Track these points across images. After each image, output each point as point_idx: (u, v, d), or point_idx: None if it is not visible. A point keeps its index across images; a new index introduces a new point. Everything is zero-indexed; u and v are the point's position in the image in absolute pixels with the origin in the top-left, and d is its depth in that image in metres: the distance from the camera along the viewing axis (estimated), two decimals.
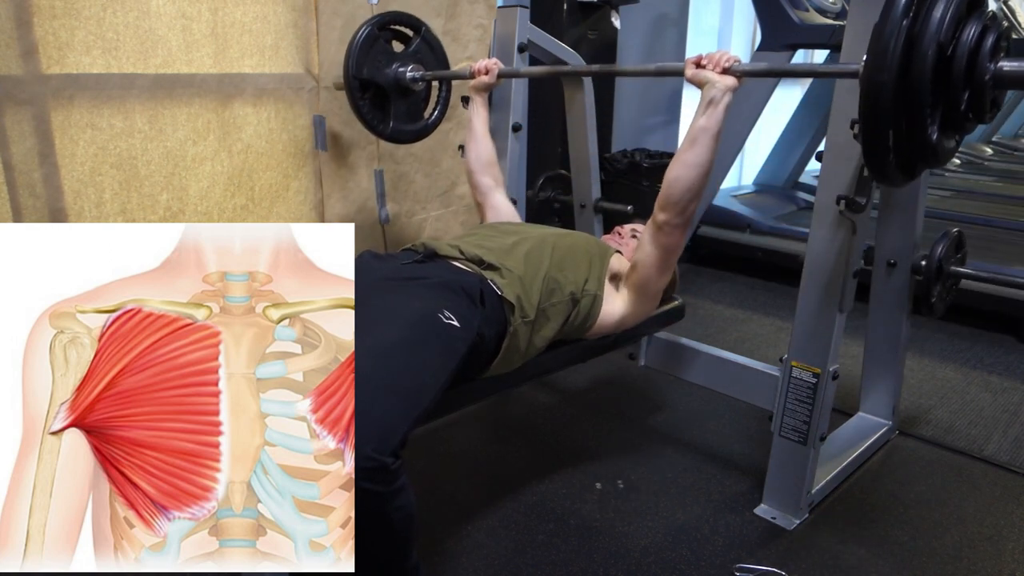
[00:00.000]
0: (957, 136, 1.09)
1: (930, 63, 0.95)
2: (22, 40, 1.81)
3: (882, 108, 0.99)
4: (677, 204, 1.42)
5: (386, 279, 1.34)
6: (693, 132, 1.39)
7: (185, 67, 2.13)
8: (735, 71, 1.37)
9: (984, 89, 0.98)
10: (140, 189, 2.11)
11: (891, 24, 0.96)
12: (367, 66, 1.98)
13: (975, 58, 0.97)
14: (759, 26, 3.47)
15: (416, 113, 2.16)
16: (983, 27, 0.99)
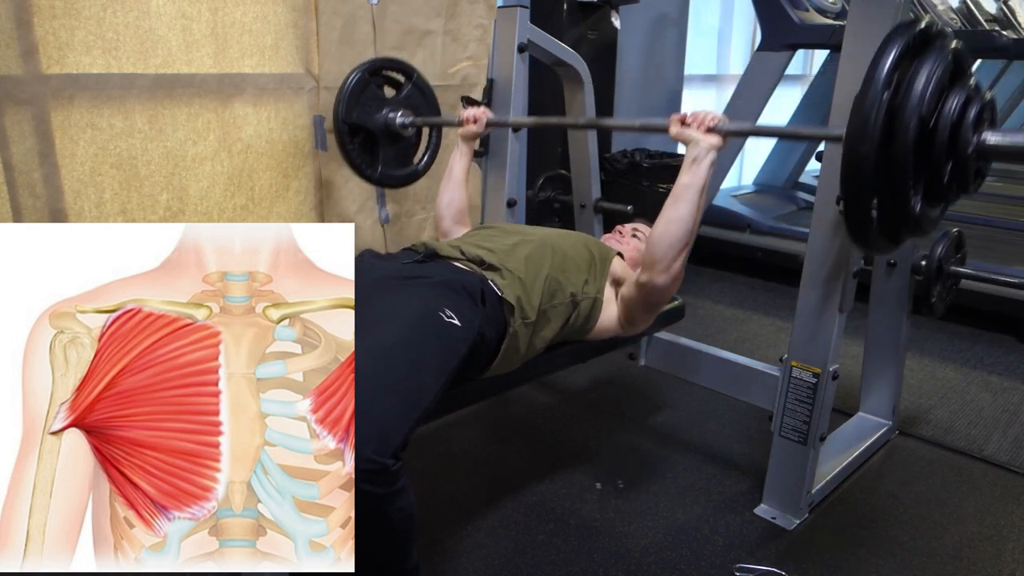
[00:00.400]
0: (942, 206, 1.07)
1: (911, 136, 0.94)
2: (22, 40, 1.81)
3: (863, 179, 0.97)
4: (661, 261, 1.39)
5: (387, 278, 1.34)
6: (677, 189, 1.38)
7: (185, 67, 2.13)
8: (719, 130, 1.36)
9: (967, 161, 0.97)
10: (140, 189, 2.11)
11: (872, 96, 0.94)
12: (357, 111, 1.98)
13: (958, 130, 0.96)
14: (759, 26, 3.47)
15: (405, 158, 2.15)
16: (966, 98, 0.97)
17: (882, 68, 0.94)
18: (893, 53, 0.95)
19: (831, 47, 3.48)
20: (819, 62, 4.49)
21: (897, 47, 0.96)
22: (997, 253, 3.27)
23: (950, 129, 0.95)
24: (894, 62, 0.95)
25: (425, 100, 2.12)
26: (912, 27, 0.98)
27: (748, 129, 1.37)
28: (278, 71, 2.35)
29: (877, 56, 0.95)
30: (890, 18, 1.37)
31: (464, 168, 1.93)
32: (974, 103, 0.97)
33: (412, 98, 2.08)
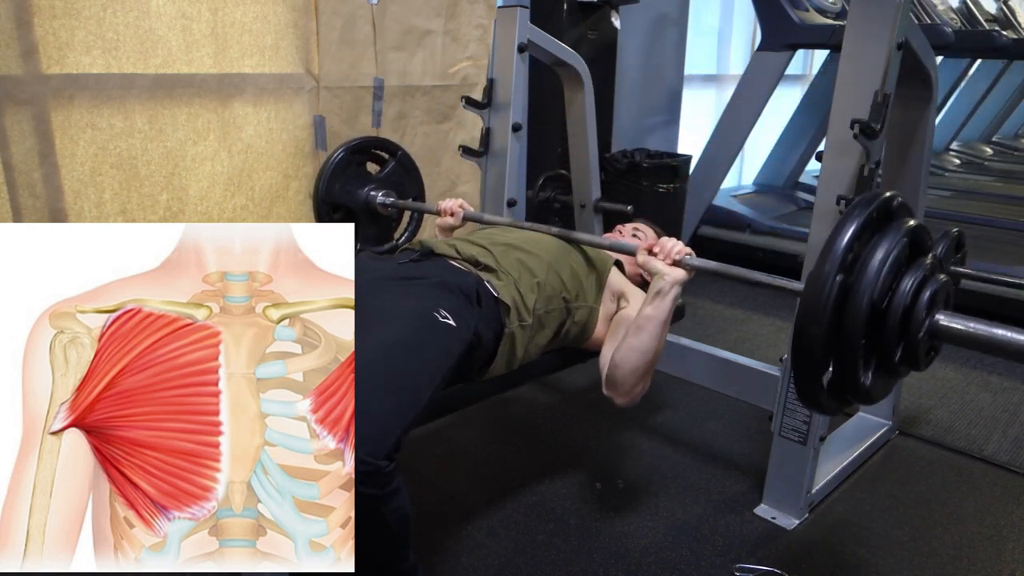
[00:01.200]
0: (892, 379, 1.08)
1: (862, 319, 0.95)
2: (22, 40, 1.81)
3: (813, 357, 0.99)
4: (622, 386, 1.41)
5: (383, 278, 1.34)
6: (639, 320, 1.38)
7: (185, 67, 2.13)
8: (685, 264, 1.37)
9: (918, 343, 0.98)
10: (140, 189, 2.11)
11: (824, 277, 0.96)
12: (338, 188, 1.99)
13: (910, 312, 0.96)
14: (759, 26, 3.47)
15: (385, 236, 2.16)
16: (922, 279, 0.97)
17: (838, 246, 0.96)
18: (851, 230, 0.97)
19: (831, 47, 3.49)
20: (819, 62, 4.49)
21: (856, 223, 0.97)
22: (997, 253, 3.27)
23: (903, 311, 0.96)
24: (851, 240, 0.96)
25: (408, 176, 2.14)
26: (872, 202, 1.00)
27: (712, 268, 1.38)
28: (278, 71, 2.35)
29: (834, 233, 0.97)
30: (890, 18, 1.37)
31: None
32: (929, 284, 0.98)
33: (395, 175, 2.10)
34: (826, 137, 1.50)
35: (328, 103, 2.46)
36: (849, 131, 1.37)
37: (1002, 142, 6.68)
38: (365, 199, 2.05)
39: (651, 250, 1.40)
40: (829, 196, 1.47)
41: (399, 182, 2.11)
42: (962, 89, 5.54)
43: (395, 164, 2.09)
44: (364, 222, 2.08)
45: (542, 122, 3.10)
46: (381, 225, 2.13)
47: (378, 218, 2.10)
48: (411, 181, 2.15)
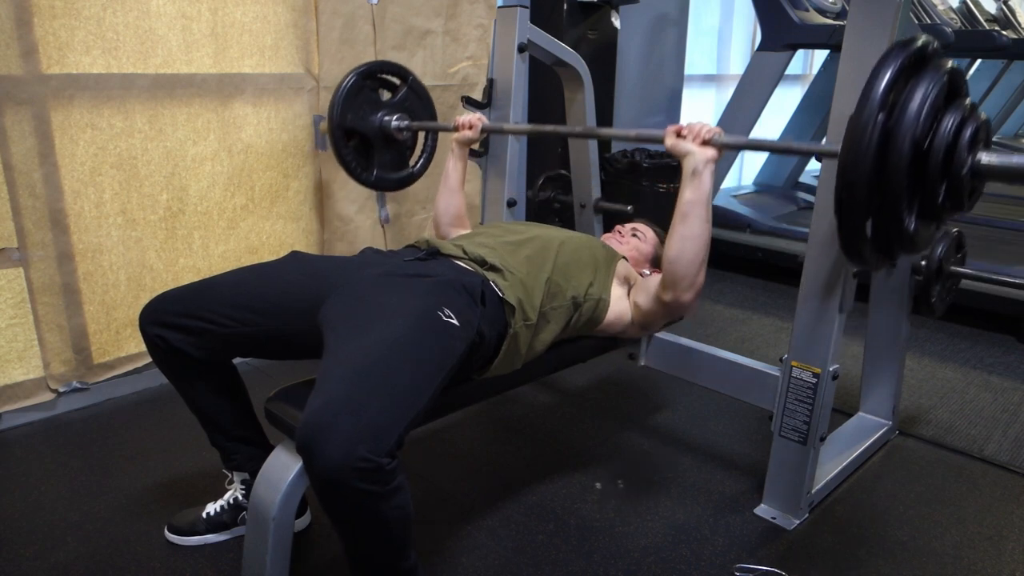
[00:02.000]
0: (935, 224, 1.07)
1: (906, 158, 0.94)
2: (22, 40, 1.81)
3: (857, 200, 0.97)
4: (685, 279, 1.42)
5: (387, 275, 1.34)
6: (683, 207, 1.38)
7: (185, 67, 2.13)
8: (715, 143, 1.36)
9: (962, 182, 0.97)
10: (140, 189, 2.11)
11: (867, 116, 0.94)
12: (352, 114, 1.97)
13: (953, 151, 0.96)
14: (759, 26, 3.47)
15: (401, 162, 2.14)
16: (961, 119, 0.97)
17: (878, 87, 0.94)
18: (889, 73, 0.95)
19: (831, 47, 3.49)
20: (819, 62, 4.49)
21: (893, 67, 0.95)
22: (997, 253, 3.27)
23: (945, 150, 0.95)
24: (889, 82, 0.95)
25: (421, 103, 2.11)
26: (908, 46, 0.98)
27: (743, 143, 1.37)
28: (278, 71, 2.35)
29: (872, 76, 0.95)
30: (890, 18, 1.37)
31: (460, 173, 1.93)
32: (969, 124, 0.97)
33: (408, 101, 2.07)
34: (826, 137, 1.49)
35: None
36: None
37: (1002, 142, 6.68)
38: (379, 124, 2.02)
39: (679, 133, 1.39)
40: (829, 196, 1.46)
41: (412, 108, 2.08)
42: None
43: (407, 90, 2.07)
44: (379, 148, 2.05)
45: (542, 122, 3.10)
46: (396, 151, 2.11)
47: (393, 143, 2.08)
48: (423, 106, 2.13)
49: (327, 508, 1.04)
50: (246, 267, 1.42)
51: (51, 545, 1.53)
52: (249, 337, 1.32)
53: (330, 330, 1.19)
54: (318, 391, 1.04)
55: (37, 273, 1.96)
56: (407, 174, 2.16)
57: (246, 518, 1.33)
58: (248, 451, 1.49)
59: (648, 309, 1.54)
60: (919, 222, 1.01)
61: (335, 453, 0.95)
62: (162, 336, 1.31)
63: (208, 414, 1.44)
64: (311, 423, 0.98)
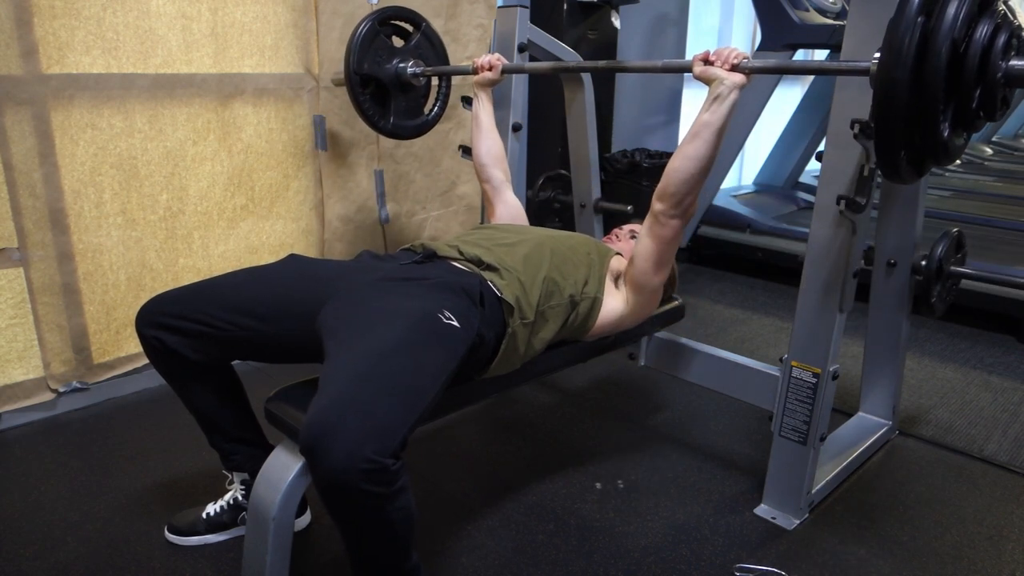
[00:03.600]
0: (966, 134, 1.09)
1: (944, 60, 0.95)
2: (22, 40, 1.81)
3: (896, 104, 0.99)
4: (674, 196, 1.41)
5: (385, 279, 1.34)
6: (696, 126, 1.38)
7: (185, 67, 2.13)
8: (743, 68, 1.35)
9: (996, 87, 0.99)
10: (140, 189, 2.11)
11: (906, 20, 0.96)
12: (368, 61, 1.97)
13: (988, 56, 0.98)
14: (759, 26, 3.47)
15: (416, 109, 2.15)
16: (995, 26, 0.99)
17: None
18: None
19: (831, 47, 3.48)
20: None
21: None
22: (997, 253, 3.27)
23: (980, 54, 0.97)
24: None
25: (434, 50, 2.12)
26: None
27: (773, 66, 1.37)
28: (278, 71, 2.35)
29: None
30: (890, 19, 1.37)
31: (489, 114, 1.94)
32: (1003, 30, 0.99)
33: (421, 48, 2.08)
34: (826, 137, 1.49)
35: (328, 103, 2.46)
36: (849, 131, 1.37)
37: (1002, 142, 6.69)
38: (395, 71, 2.03)
39: (707, 60, 1.39)
40: (829, 196, 1.47)
41: (426, 54, 2.09)
42: None
43: (421, 36, 2.07)
44: (395, 95, 2.06)
45: (542, 122, 3.10)
46: (411, 98, 2.11)
47: (408, 90, 2.08)
48: (436, 54, 2.13)
49: (331, 509, 1.04)
50: (244, 270, 1.42)
51: (51, 545, 1.53)
52: (246, 340, 1.32)
53: (330, 334, 1.19)
54: (322, 393, 1.04)
55: (37, 273, 1.96)
56: (422, 121, 2.17)
57: (246, 518, 1.33)
58: (247, 451, 1.49)
59: (644, 247, 1.51)
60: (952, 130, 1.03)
61: (341, 454, 0.95)
62: (159, 338, 1.31)
63: (206, 415, 1.44)
64: (316, 424, 0.98)
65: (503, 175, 1.93)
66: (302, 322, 1.27)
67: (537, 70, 1.89)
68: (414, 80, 2.04)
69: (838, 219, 1.47)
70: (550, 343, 1.50)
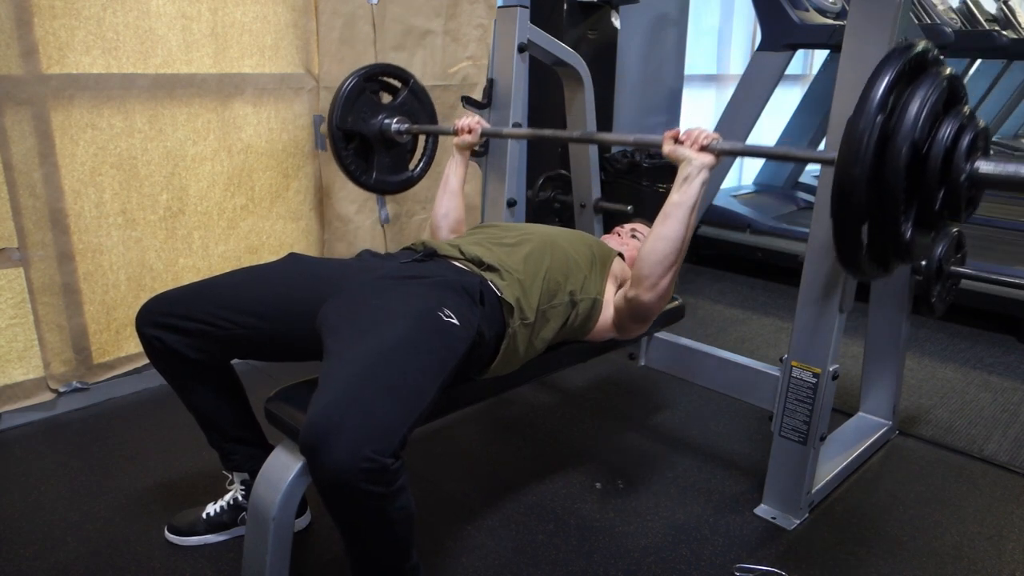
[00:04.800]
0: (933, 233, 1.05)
1: (904, 161, 0.92)
2: (22, 40, 1.81)
3: (854, 204, 0.95)
4: (649, 278, 1.40)
5: (386, 278, 1.34)
6: (667, 208, 1.38)
7: (185, 67, 2.13)
8: (713, 149, 1.36)
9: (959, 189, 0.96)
10: (140, 189, 2.11)
11: (865, 120, 0.93)
12: (352, 116, 1.97)
13: (951, 157, 0.94)
14: (759, 26, 3.47)
15: (401, 165, 2.14)
16: (960, 125, 0.95)
17: (876, 91, 0.93)
18: (888, 76, 0.94)
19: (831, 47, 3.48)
20: (819, 62, 4.49)
21: (892, 71, 0.94)
22: (997, 253, 3.27)
23: (943, 156, 0.94)
24: (889, 85, 0.93)
25: (421, 106, 2.11)
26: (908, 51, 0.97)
27: (740, 149, 1.37)
28: (278, 71, 2.35)
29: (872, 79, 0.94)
30: (890, 18, 1.37)
31: (460, 178, 1.91)
32: (968, 131, 0.96)
33: (408, 104, 2.07)
34: (826, 137, 1.50)
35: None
36: None
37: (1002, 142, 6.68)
38: (380, 127, 2.02)
39: (677, 138, 1.40)
40: (829, 197, 1.47)
41: (412, 111, 2.08)
42: None
43: (407, 92, 2.07)
44: (379, 150, 2.05)
45: (542, 122, 3.10)
46: (396, 154, 2.11)
47: (393, 146, 2.07)
48: (424, 109, 2.12)
49: (331, 509, 1.04)
50: (244, 269, 1.42)
51: (51, 545, 1.53)
52: (246, 339, 1.32)
53: (330, 333, 1.19)
54: (321, 392, 1.04)
55: (37, 273, 1.96)
56: (407, 177, 2.15)
57: (246, 518, 1.33)
58: (247, 451, 1.49)
59: (618, 306, 1.53)
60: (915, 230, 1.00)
61: (341, 454, 0.95)
62: (159, 337, 1.31)
63: (206, 415, 1.44)
64: (316, 423, 0.98)
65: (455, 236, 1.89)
66: (302, 320, 1.27)
67: (516, 136, 1.84)
68: (398, 137, 2.04)
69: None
70: (551, 343, 1.50)
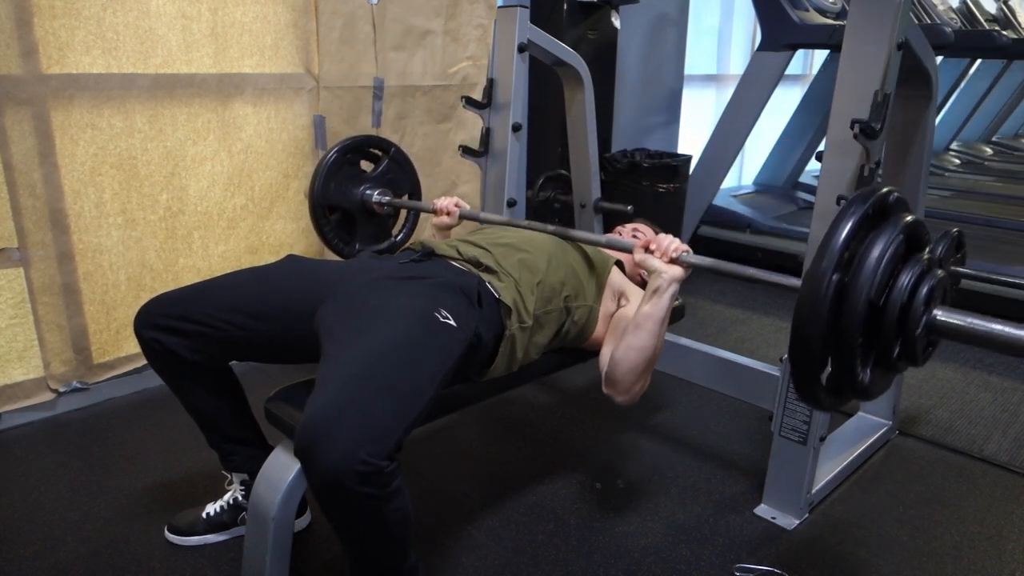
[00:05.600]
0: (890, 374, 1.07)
1: (859, 317, 0.94)
2: (22, 40, 1.81)
3: (811, 353, 0.98)
4: (620, 383, 1.41)
5: (384, 278, 1.34)
6: (638, 318, 1.38)
7: (185, 67, 2.13)
8: (683, 262, 1.36)
9: (915, 340, 0.97)
10: (140, 189, 2.11)
11: (821, 274, 0.95)
12: (334, 189, 1.98)
13: (908, 309, 0.96)
14: (759, 26, 3.47)
15: (383, 233, 2.16)
16: (919, 275, 0.97)
17: (834, 246, 0.95)
18: (847, 228, 0.96)
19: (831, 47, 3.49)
20: (819, 62, 4.49)
21: (852, 221, 0.96)
22: (997, 253, 3.27)
23: (900, 307, 0.96)
24: (847, 238, 0.95)
25: (403, 173, 2.13)
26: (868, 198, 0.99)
27: (710, 265, 1.37)
28: (278, 71, 2.35)
29: (830, 231, 0.96)
30: (890, 18, 1.37)
31: None
32: (926, 281, 0.97)
33: (390, 172, 2.09)
34: (826, 137, 1.49)
35: (328, 103, 2.46)
36: (849, 131, 1.37)
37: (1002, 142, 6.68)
38: (361, 199, 2.04)
39: (648, 247, 1.40)
40: (829, 196, 1.47)
41: (394, 179, 2.10)
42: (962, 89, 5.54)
43: (389, 161, 2.09)
44: (361, 221, 2.07)
45: (542, 122, 3.10)
46: (378, 223, 2.13)
47: (374, 216, 2.09)
48: (406, 178, 2.14)
49: (327, 511, 1.04)
50: (242, 270, 1.42)
51: (51, 545, 1.53)
52: (245, 341, 1.32)
53: (328, 334, 1.19)
54: (317, 394, 1.04)
55: (37, 273, 1.96)
56: (389, 244, 2.17)
57: (246, 518, 1.33)
58: (247, 452, 1.49)
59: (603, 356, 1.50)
60: (873, 373, 1.02)
61: (335, 456, 0.95)
62: (157, 339, 1.31)
63: (206, 416, 1.44)
64: (310, 426, 0.98)
65: None
66: (301, 322, 1.27)
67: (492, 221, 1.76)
68: (379, 208, 2.05)
69: None
70: (547, 350, 1.50)
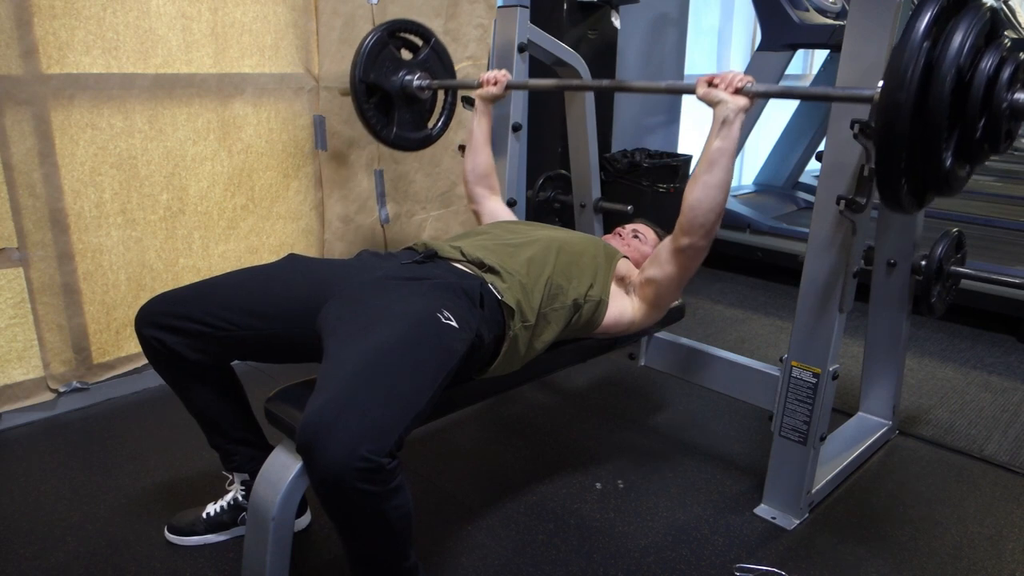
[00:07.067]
0: (969, 166, 1.07)
1: (948, 87, 0.94)
2: (22, 40, 1.81)
3: (899, 130, 0.97)
4: (703, 226, 1.42)
5: (386, 278, 1.34)
6: (710, 154, 1.39)
7: (185, 67, 2.13)
8: (747, 92, 1.38)
9: (1000, 118, 0.97)
10: (140, 189, 2.11)
11: (911, 46, 0.95)
12: (374, 71, 1.97)
13: (993, 87, 0.96)
14: (759, 26, 3.47)
15: (420, 122, 2.15)
16: (1001, 58, 0.98)
17: (922, 20, 0.95)
18: (932, 8, 0.96)
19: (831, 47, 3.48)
20: (819, 62, 4.49)
21: (936, 3, 0.96)
22: (997, 253, 3.27)
23: (985, 85, 0.96)
24: (933, 17, 0.95)
25: (442, 64, 2.12)
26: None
27: (776, 91, 1.38)
28: (278, 71, 2.35)
29: (916, 11, 0.96)
30: (890, 18, 1.37)
31: (484, 131, 1.94)
32: (1009, 62, 0.98)
33: (429, 61, 2.08)
34: (826, 137, 1.50)
35: (328, 103, 2.46)
36: (849, 131, 1.37)
37: None
38: (401, 83, 2.03)
39: (711, 81, 1.42)
40: (829, 196, 1.47)
41: (433, 68, 2.10)
42: None
43: (429, 50, 2.08)
44: (400, 106, 2.07)
45: (542, 122, 3.10)
46: (416, 110, 2.12)
47: (413, 103, 2.09)
48: (445, 68, 2.14)
49: (328, 508, 1.04)
50: (243, 270, 1.42)
51: (51, 545, 1.53)
52: (246, 340, 1.31)
53: (329, 333, 1.19)
54: (319, 392, 1.04)
55: (37, 273, 1.96)
56: (425, 135, 2.17)
57: (246, 518, 1.33)
58: (247, 452, 1.49)
59: (666, 273, 1.53)
60: (955, 160, 1.01)
61: (336, 453, 0.95)
62: (158, 338, 1.31)
63: (206, 416, 1.44)
64: (312, 423, 0.98)
65: (488, 191, 1.95)
66: (302, 321, 1.27)
67: (541, 87, 1.88)
68: (419, 93, 2.05)
69: (838, 219, 1.47)
70: (552, 344, 1.50)
